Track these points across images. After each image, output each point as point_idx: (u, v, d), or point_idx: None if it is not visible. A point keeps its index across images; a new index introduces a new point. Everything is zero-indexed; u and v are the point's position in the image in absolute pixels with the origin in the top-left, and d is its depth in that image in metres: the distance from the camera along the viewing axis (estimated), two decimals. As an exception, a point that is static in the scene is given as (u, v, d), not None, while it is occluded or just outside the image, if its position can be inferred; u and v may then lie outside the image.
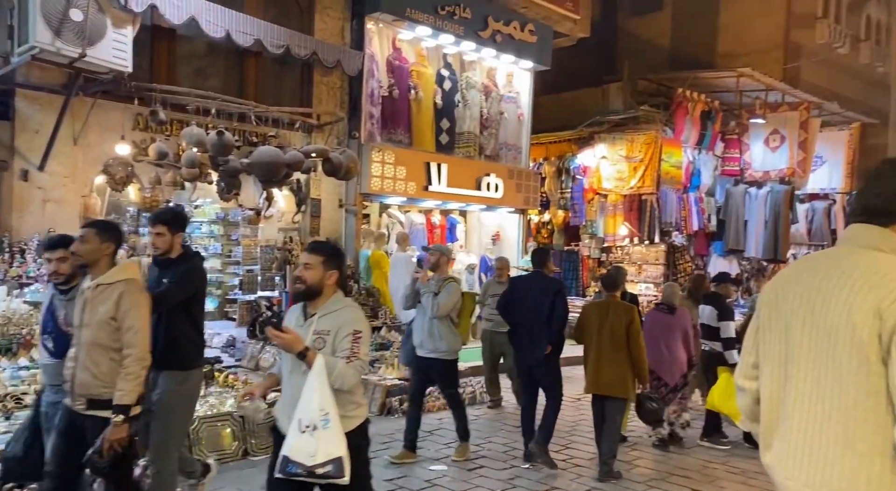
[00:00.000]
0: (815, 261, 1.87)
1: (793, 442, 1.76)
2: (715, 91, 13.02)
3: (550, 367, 5.50)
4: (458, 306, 5.40)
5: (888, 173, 1.78)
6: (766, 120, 12.39)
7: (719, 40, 16.28)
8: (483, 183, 10.88)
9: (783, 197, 12.24)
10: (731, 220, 12.69)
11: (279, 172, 7.53)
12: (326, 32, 9.36)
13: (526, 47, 11.25)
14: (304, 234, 9.46)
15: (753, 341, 1.97)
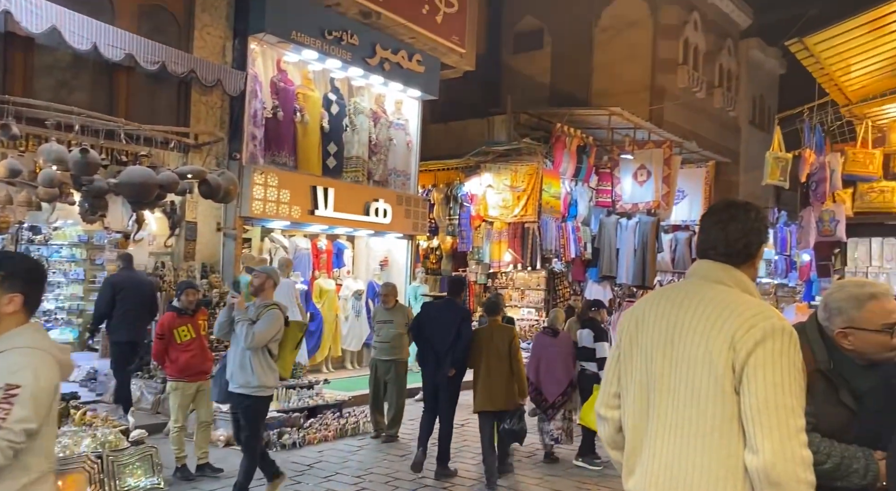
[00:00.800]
0: (669, 293, 1.99)
1: (655, 468, 1.83)
2: (590, 127, 13.88)
3: (451, 389, 6.09)
4: (278, 337, 4.81)
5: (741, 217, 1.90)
6: (635, 156, 13.35)
7: (594, 80, 17.43)
8: (371, 208, 10.85)
9: (650, 227, 13.18)
10: (605, 249, 13.46)
11: (151, 194, 7.09)
12: (206, 50, 9.03)
13: (414, 76, 11.45)
14: (178, 259, 8.94)
15: (615, 371, 2.05)
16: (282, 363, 4.91)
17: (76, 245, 10.80)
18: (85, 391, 7.70)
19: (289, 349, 4.97)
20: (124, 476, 5.10)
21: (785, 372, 1.68)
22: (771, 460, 1.63)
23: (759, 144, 18.30)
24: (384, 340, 7.40)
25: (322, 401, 7.71)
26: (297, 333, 5.05)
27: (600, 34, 17.49)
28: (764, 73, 22.36)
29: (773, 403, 1.65)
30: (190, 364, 5.78)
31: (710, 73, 19.01)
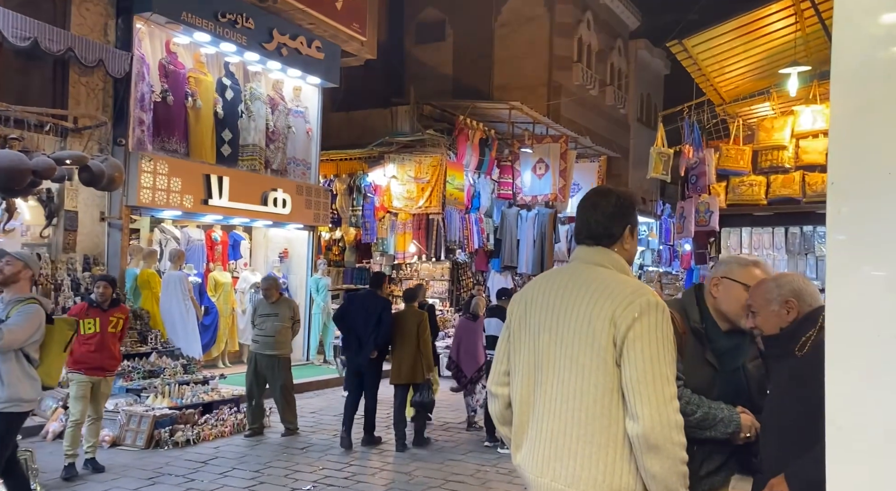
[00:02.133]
0: (554, 276, 2.12)
1: (542, 441, 1.93)
2: (491, 120, 14.18)
3: (374, 370, 6.83)
4: (37, 337, 3.88)
5: (602, 202, 2.07)
6: (533, 150, 13.79)
7: (495, 73, 17.80)
8: (269, 198, 10.55)
9: (548, 219, 13.68)
10: (506, 240, 13.84)
11: (23, 180, 6.52)
12: (86, 28, 8.42)
13: (313, 63, 11.22)
14: (56, 251, 8.32)
15: (504, 350, 2.15)
16: (45, 369, 3.99)
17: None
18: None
19: (55, 352, 4.08)
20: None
21: (660, 344, 1.83)
22: (650, 426, 1.77)
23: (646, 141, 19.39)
24: (268, 334, 7.08)
25: (218, 396, 7.45)
26: (64, 332, 4.19)
27: (500, 29, 17.86)
28: (651, 73, 23.71)
29: (650, 373, 1.80)
30: (86, 358, 5.53)
31: (603, 72, 19.90)
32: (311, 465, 6.03)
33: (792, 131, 10.65)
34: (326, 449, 6.61)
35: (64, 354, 4.23)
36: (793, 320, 2.15)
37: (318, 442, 6.88)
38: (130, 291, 8.78)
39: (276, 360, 7.14)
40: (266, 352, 7.09)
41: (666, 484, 1.79)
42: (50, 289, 7.85)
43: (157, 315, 8.80)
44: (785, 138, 10.63)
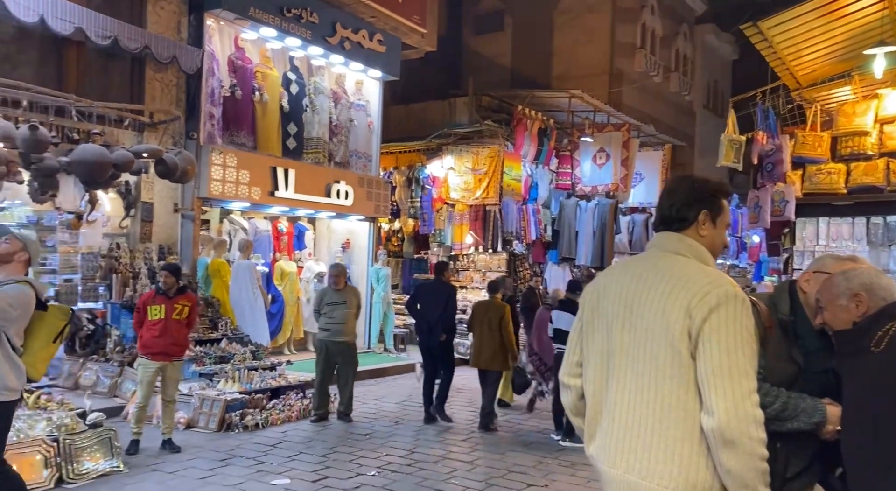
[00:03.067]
0: (630, 265, 2.09)
1: (615, 432, 1.92)
2: (550, 110, 13.99)
3: (445, 349, 7.45)
4: (21, 319, 3.47)
5: (678, 188, 2.06)
6: (594, 139, 13.53)
7: (554, 63, 17.55)
8: (333, 190, 10.76)
9: (608, 210, 13.42)
10: (564, 231, 13.66)
11: (104, 173, 6.90)
12: (160, 26, 8.76)
13: (375, 56, 11.34)
14: (134, 241, 8.74)
15: (577, 340, 2.14)
16: (30, 359, 3.53)
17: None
18: (38, 376, 7.48)
19: (42, 341, 3.61)
20: (82, 459, 5.03)
21: (738, 336, 1.78)
22: (725, 420, 1.72)
23: (712, 128, 18.76)
24: (339, 322, 7.26)
25: (285, 382, 7.69)
26: (56, 320, 3.66)
27: (559, 17, 17.58)
28: (718, 59, 22.86)
29: (726, 366, 1.75)
30: (151, 342, 5.77)
31: (667, 58, 19.33)
32: (375, 451, 6.15)
33: (876, 116, 10.05)
34: (389, 436, 6.73)
35: (54, 344, 3.69)
36: (862, 315, 2.06)
37: (381, 429, 7.01)
38: (202, 280, 9.14)
39: (346, 346, 7.34)
40: (337, 339, 7.27)
41: (743, 480, 1.75)
42: (129, 277, 8.25)
43: (227, 303, 9.13)
44: (867, 123, 10.05)
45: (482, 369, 7.27)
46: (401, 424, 7.24)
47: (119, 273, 8.23)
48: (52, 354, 3.78)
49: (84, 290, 8.50)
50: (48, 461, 4.80)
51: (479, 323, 7.25)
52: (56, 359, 7.84)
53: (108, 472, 5.13)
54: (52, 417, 5.12)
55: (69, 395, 6.74)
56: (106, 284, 8.32)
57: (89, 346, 7.72)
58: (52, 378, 7.61)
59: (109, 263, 8.29)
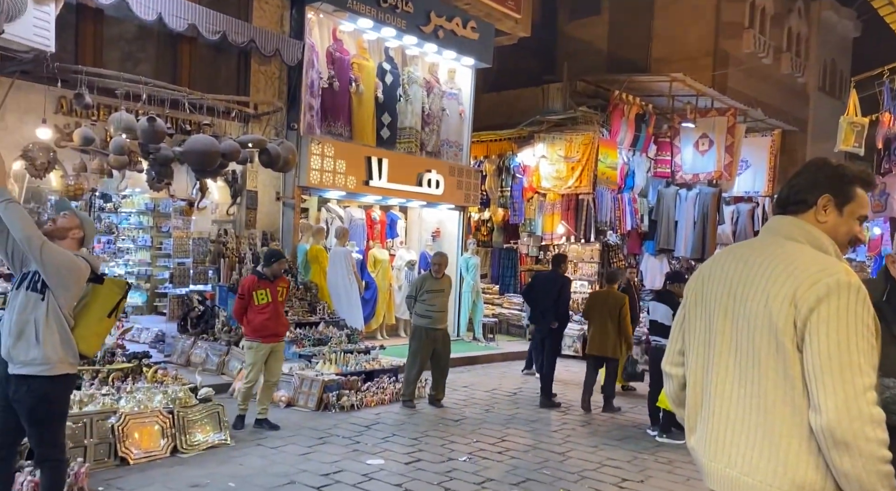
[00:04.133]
0: (737, 251, 1.96)
1: (715, 425, 1.83)
2: (649, 95, 13.45)
3: (554, 337, 7.86)
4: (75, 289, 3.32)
5: (807, 170, 1.91)
6: (696, 124, 12.89)
7: (653, 46, 16.84)
8: (424, 179, 10.87)
9: (711, 199, 12.77)
10: (663, 221, 13.14)
11: (214, 162, 7.28)
12: (265, 20, 9.13)
13: (468, 44, 11.31)
14: (240, 227, 9.20)
15: (679, 329, 2.05)
16: (83, 332, 3.37)
17: (143, 213, 11.25)
18: (154, 352, 8.06)
19: (96, 315, 3.46)
20: (194, 431, 5.35)
21: (851, 329, 1.62)
22: (835, 419, 1.58)
23: (828, 112, 17.40)
24: (439, 310, 7.33)
25: (378, 366, 7.86)
26: (113, 294, 3.53)
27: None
28: (836, 36, 21.12)
29: (836, 361, 1.60)
30: (265, 326, 6.01)
31: (778, 37, 18.07)
32: (465, 437, 6.17)
33: None
34: (479, 423, 6.74)
35: (109, 319, 3.54)
36: None
37: (471, 415, 7.03)
38: (301, 266, 9.50)
39: (444, 333, 7.45)
40: (438, 326, 7.35)
41: (861, 484, 1.60)
42: (235, 261, 8.71)
43: (325, 288, 9.45)
44: None
45: (597, 357, 7.56)
46: (491, 412, 7.23)
47: (226, 258, 8.69)
48: (107, 328, 3.65)
49: (195, 273, 9.06)
50: (164, 431, 5.15)
51: (598, 312, 7.51)
52: (170, 337, 8.45)
53: (217, 444, 5.44)
54: (168, 390, 5.48)
55: (182, 370, 7.21)
56: (214, 268, 8.83)
57: (199, 325, 8.22)
58: (167, 355, 8.18)
59: (218, 248, 8.78)
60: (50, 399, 3.29)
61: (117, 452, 4.84)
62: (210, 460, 5.13)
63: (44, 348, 3.21)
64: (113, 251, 11.25)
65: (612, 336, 7.39)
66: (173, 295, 9.71)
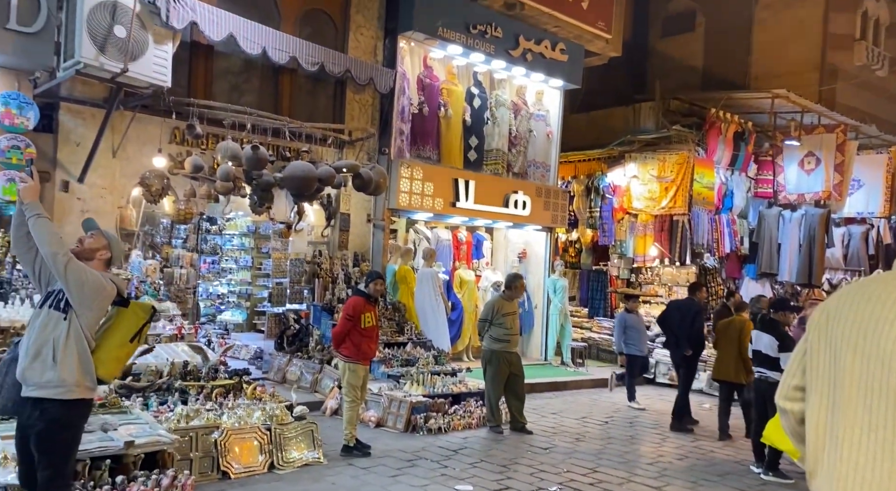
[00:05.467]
0: (867, 287, 1.81)
1: (842, 471, 1.68)
2: (748, 112, 12.86)
3: (689, 364, 7.98)
4: (96, 312, 3.23)
5: None
6: (801, 142, 12.18)
7: (753, 61, 16.11)
8: (511, 200, 10.86)
9: (818, 220, 11.98)
10: (765, 243, 12.44)
11: (311, 187, 7.61)
12: (360, 50, 9.49)
13: (556, 66, 11.26)
14: (333, 248, 9.52)
15: (799, 363, 1.92)
16: (102, 356, 3.23)
17: (245, 235, 11.89)
18: (253, 368, 8.41)
19: (119, 339, 3.32)
20: (289, 448, 5.53)
21: None
22: None
23: (954, 126, 15.95)
24: (515, 333, 7.26)
25: (465, 388, 7.84)
26: (137, 318, 3.39)
27: (762, 12, 16.11)
28: (962, 44, 19.41)
29: None
30: (369, 348, 6.14)
31: (893, 48, 16.83)
32: (556, 466, 6.02)
33: None
34: (570, 452, 6.56)
35: (131, 345, 3.39)
36: None
37: (561, 444, 6.86)
38: (390, 286, 9.68)
39: (519, 357, 7.35)
40: (514, 349, 7.29)
41: None
42: (328, 281, 9.00)
43: (412, 308, 9.58)
44: None
45: (721, 380, 7.60)
46: (582, 441, 7.03)
47: (320, 278, 9.01)
48: (128, 354, 3.46)
49: (291, 292, 9.44)
50: (262, 447, 5.35)
51: (721, 338, 7.58)
52: (267, 354, 8.81)
53: (310, 462, 5.58)
54: (266, 407, 5.71)
55: (278, 387, 7.48)
56: (309, 288, 9.16)
57: (295, 343, 8.53)
58: (265, 372, 8.53)
59: (313, 269, 9.12)
60: (62, 424, 3.08)
61: (219, 465, 5.07)
62: (304, 478, 5.27)
63: (60, 370, 3.04)
64: (217, 271, 11.93)
65: (731, 362, 7.37)
66: (271, 313, 10.15)
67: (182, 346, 6.66)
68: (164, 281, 7.93)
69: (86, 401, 3.20)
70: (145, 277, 7.53)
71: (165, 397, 5.57)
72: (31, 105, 6.69)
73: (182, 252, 8.61)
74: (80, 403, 3.15)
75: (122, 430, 4.50)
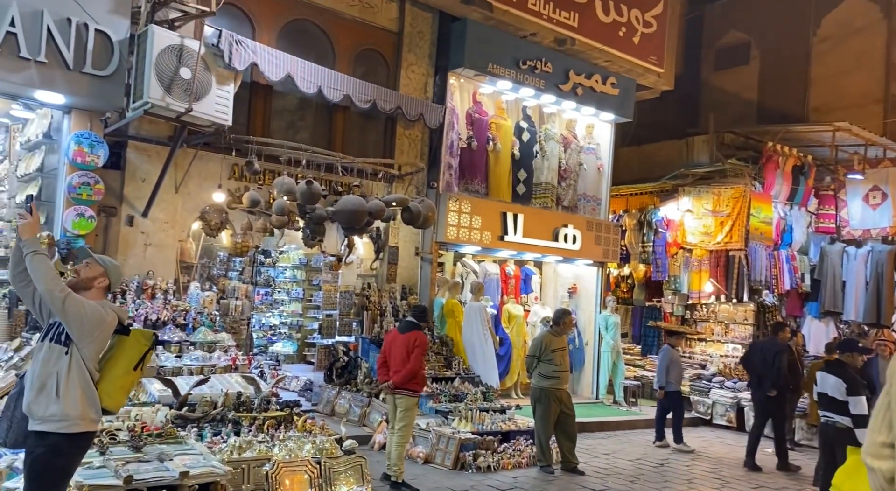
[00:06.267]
0: None
1: None
2: (808, 145, 12.49)
3: (772, 404, 7.91)
4: (98, 343, 3.22)
5: None
6: (866, 176, 11.74)
7: (811, 94, 15.71)
8: (560, 234, 10.76)
9: (887, 257, 11.42)
10: (828, 281, 11.92)
11: (361, 220, 7.72)
12: (410, 87, 9.70)
13: (607, 99, 11.23)
14: (382, 281, 9.59)
15: (884, 417, 1.82)
16: (107, 387, 3.25)
17: (297, 267, 12.13)
18: (303, 400, 8.48)
19: (122, 368, 3.33)
20: (338, 483, 5.49)
21: None
22: None
23: None
24: (565, 369, 7.14)
25: (514, 426, 7.68)
26: (138, 345, 3.39)
27: (819, 44, 15.75)
28: None
29: None
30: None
31: (962, 77, 16.14)
32: (609, 512, 5.79)
33: None
34: None
35: (135, 372, 3.37)
36: None
37: (615, 486, 6.61)
38: (438, 320, 9.67)
39: (567, 394, 7.18)
40: (565, 387, 7.14)
41: None
42: (377, 314, 9.05)
43: (460, 343, 9.51)
44: None
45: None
46: (637, 484, 6.76)
47: (369, 310, 9.07)
48: (132, 382, 3.45)
49: (341, 324, 9.52)
50: (312, 481, 5.34)
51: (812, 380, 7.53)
52: (317, 386, 8.87)
53: (358, 497, 5.53)
54: (316, 440, 5.70)
55: (328, 420, 7.50)
56: (358, 320, 9.22)
57: (343, 375, 8.56)
58: (314, 403, 8.57)
59: (362, 301, 9.20)
60: (61, 452, 3.06)
61: (268, 498, 5.07)
62: (351, 514, 5.21)
63: (63, 404, 3.05)
64: (269, 302, 12.17)
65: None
66: (321, 345, 10.25)
67: (236, 376, 6.76)
68: (220, 312, 8.13)
69: (89, 433, 3.20)
70: (202, 308, 7.72)
71: (219, 428, 5.64)
72: (102, 143, 7.06)
73: (237, 284, 8.83)
74: (84, 436, 3.17)
75: (178, 460, 4.57)
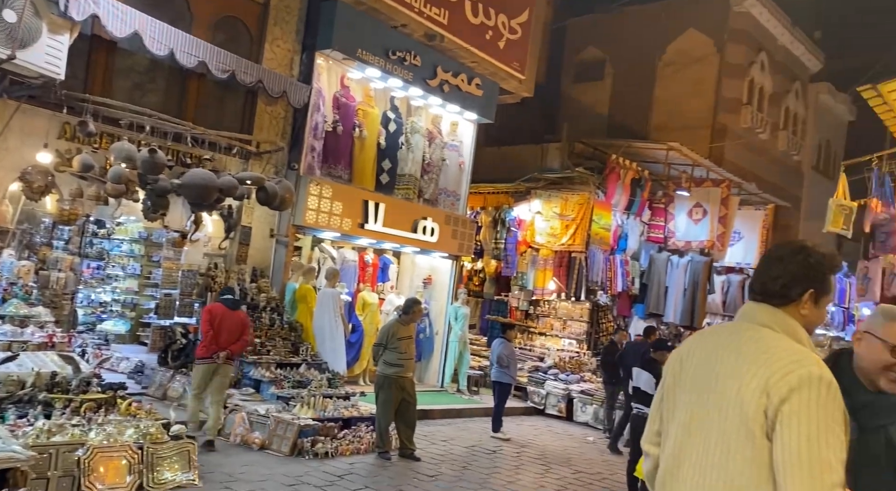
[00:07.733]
0: (714, 334, 1.98)
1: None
2: (646, 160, 13.71)
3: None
4: None
5: (789, 260, 1.89)
6: (691, 193, 13.10)
7: (653, 113, 17.27)
8: (419, 226, 10.93)
9: (702, 267, 12.86)
10: (653, 285, 13.19)
11: (210, 196, 7.34)
12: (275, 62, 9.34)
13: (472, 100, 11.57)
14: (231, 262, 9.18)
15: (658, 409, 2.04)
16: None
17: (136, 241, 11.23)
18: (132, 383, 7.91)
19: None
20: (162, 469, 5.21)
21: (821, 423, 1.62)
22: None
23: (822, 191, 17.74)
24: (410, 357, 7.29)
25: (357, 413, 7.70)
26: None
27: (664, 68, 17.36)
28: (832, 119, 21.73)
29: (805, 456, 1.60)
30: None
31: (776, 115, 18.58)
32: (440, 495, 6.02)
33: None
34: (456, 480, 6.58)
35: None
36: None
37: (447, 472, 6.87)
38: (289, 304, 9.44)
39: (411, 382, 7.32)
40: (409, 374, 7.27)
41: None
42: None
43: (310, 329, 9.36)
44: None
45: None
46: (468, 470, 7.08)
47: (213, 291, 8.63)
48: None
49: (181, 305, 8.98)
50: (132, 467, 5.01)
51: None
52: (149, 368, 8.31)
53: (184, 484, 5.27)
54: (140, 425, 5.35)
55: (157, 404, 7.06)
56: (201, 301, 8.75)
57: (180, 358, 8.09)
58: (145, 387, 8.03)
59: (206, 282, 8.73)
60: None
61: (80, 486, 4.69)
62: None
63: None
64: (101, 277, 11.17)
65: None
66: (157, 326, 9.59)
67: (52, 355, 6.15)
68: (38, 284, 7.33)
69: None
70: (17, 278, 6.93)
71: (26, 410, 5.12)
72: None
73: (62, 255, 8.00)
74: None
75: (-33, 445, 4.07)
